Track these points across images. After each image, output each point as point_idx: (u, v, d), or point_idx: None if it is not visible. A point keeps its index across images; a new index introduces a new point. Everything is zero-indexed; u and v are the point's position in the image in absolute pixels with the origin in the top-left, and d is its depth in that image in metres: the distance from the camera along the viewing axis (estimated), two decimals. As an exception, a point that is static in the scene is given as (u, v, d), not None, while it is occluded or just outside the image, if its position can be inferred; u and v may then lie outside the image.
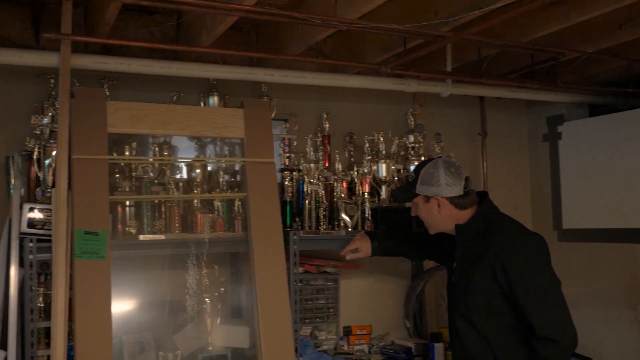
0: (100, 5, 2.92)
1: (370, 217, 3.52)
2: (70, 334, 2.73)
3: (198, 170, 3.30)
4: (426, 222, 2.71)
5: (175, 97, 3.36)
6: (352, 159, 3.83)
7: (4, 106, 3.22)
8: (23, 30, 3.27)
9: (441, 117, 4.28)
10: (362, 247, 3.15)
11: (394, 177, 3.64)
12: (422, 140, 3.88)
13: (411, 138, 3.86)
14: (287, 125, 3.67)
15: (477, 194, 2.68)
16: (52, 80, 3.08)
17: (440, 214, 2.62)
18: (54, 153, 2.93)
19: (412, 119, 3.98)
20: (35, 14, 3.26)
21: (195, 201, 3.26)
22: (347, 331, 3.79)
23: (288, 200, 3.41)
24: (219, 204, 3.30)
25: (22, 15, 3.26)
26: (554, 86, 3.88)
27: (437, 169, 2.60)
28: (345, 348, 3.75)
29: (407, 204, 3.19)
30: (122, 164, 3.17)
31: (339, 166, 3.58)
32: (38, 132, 3.00)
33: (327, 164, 3.71)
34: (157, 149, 3.28)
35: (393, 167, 3.65)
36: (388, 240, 3.18)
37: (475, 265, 2.53)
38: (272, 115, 3.44)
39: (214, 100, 3.44)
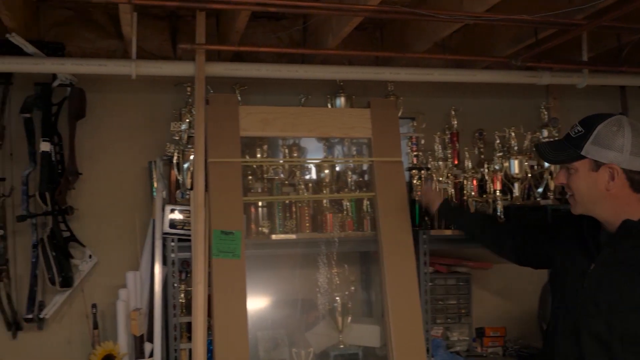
0: (231, 15, 3.04)
1: (502, 216, 3.41)
2: (210, 329, 2.86)
3: (327, 171, 3.35)
4: (578, 196, 1.99)
5: (303, 100, 3.42)
6: (482, 156, 3.73)
7: (146, 114, 3.43)
8: (161, 43, 3.48)
9: (577, 110, 4.03)
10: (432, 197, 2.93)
11: (527, 174, 3.50)
12: (557, 134, 3.70)
13: (545, 133, 3.69)
14: (414, 124, 3.63)
15: None
16: (189, 88, 3.25)
17: (608, 191, 1.92)
18: (191, 157, 3.09)
19: (546, 112, 3.79)
20: (171, 27, 3.46)
21: (324, 201, 3.31)
22: (480, 333, 3.69)
23: (417, 199, 3.38)
24: (348, 203, 3.33)
25: (160, 29, 3.47)
26: None
27: (622, 129, 1.90)
28: (479, 350, 3.65)
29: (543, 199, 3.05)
30: (254, 166, 3.28)
31: (468, 164, 3.50)
32: (177, 138, 3.18)
33: (456, 162, 3.63)
34: (286, 150, 3.37)
35: (526, 163, 3.50)
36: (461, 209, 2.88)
37: (638, 280, 1.88)
38: (399, 114, 3.42)
39: (340, 101, 3.47)
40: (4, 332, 3.17)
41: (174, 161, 3.15)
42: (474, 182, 3.45)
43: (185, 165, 3.13)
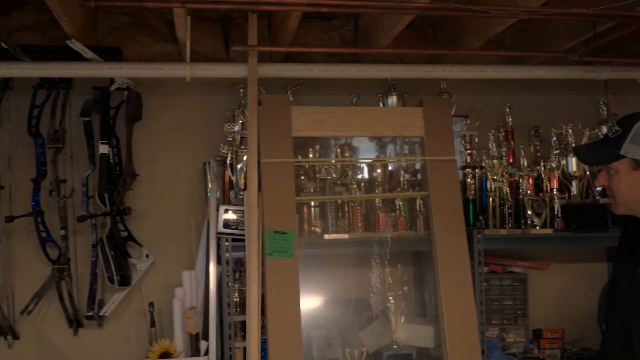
0: (283, 16, 3.06)
1: (560, 215, 3.33)
2: (264, 328, 2.89)
3: (379, 170, 3.34)
4: (620, 196, 1.97)
5: (354, 99, 3.42)
6: (538, 154, 3.65)
7: (200, 116, 3.49)
8: (214, 46, 3.52)
9: (638, 105, 3.93)
10: None
11: (585, 172, 3.41)
12: (616, 130, 3.59)
13: (604, 129, 3.58)
14: (468, 122, 3.59)
15: None
16: (241, 90, 3.28)
17: None
18: (244, 158, 3.13)
19: (605, 108, 3.69)
20: (224, 29, 3.51)
21: (377, 201, 3.30)
22: (537, 334, 3.62)
23: (470, 198, 3.33)
24: (400, 203, 3.31)
25: (213, 32, 3.52)
26: None
27: None
28: (535, 352, 3.58)
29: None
30: (307, 166, 3.30)
31: (524, 162, 3.44)
32: (230, 139, 3.22)
33: (511, 160, 3.57)
34: (339, 150, 3.37)
35: (584, 160, 3.42)
36: None
37: None
38: (452, 112, 3.38)
39: (392, 100, 3.45)
40: (66, 328, 3.28)
41: (228, 162, 3.19)
42: (530, 180, 3.39)
43: (239, 166, 3.17)
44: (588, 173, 3.43)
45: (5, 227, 3.17)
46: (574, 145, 3.43)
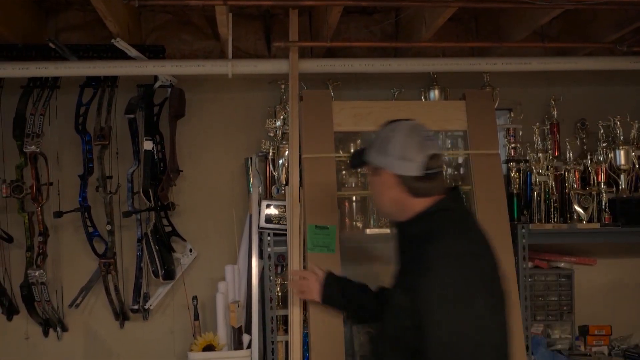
0: (324, 11, 3.06)
1: (607, 209, 3.25)
2: (305, 322, 2.90)
3: (421, 165, 3.31)
4: (373, 201, 1.99)
5: (396, 93, 3.40)
6: (585, 147, 3.58)
7: (243, 112, 3.51)
8: (256, 42, 3.54)
9: (690, 96, 3.81)
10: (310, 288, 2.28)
11: (634, 165, 3.33)
12: (667, 122, 3.49)
13: (654, 120, 3.49)
14: (512, 115, 3.53)
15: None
16: (283, 86, 3.29)
17: (388, 196, 1.88)
18: (286, 153, 3.14)
19: (654, 99, 3.60)
20: (265, 26, 3.52)
21: (419, 195, 3.27)
22: (584, 331, 3.55)
23: (515, 192, 3.29)
24: (443, 197, 3.27)
25: (254, 28, 3.54)
26: None
27: (396, 133, 1.86)
28: (582, 349, 3.52)
29: None
30: (348, 161, 3.29)
31: (570, 155, 3.37)
32: (272, 135, 3.24)
33: (556, 153, 3.50)
34: (380, 145, 3.35)
35: (633, 153, 3.33)
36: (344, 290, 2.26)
37: None
38: (495, 105, 3.34)
39: (434, 93, 3.42)
40: (112, 321, 3.35)
41: (269, 157, 3.21)
42: (576, 174, 3.33)
43: (280, 161, 3.19)
44: (637, 166, 3.34)
45: (54, 222, 3.25)
46: (622, 137, 3.35)
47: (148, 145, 3.18)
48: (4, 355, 3.33)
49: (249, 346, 3.05)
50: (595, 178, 3.31)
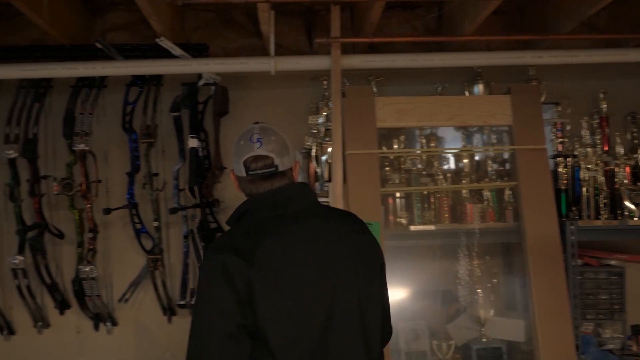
0: (366, 6, 3.05)
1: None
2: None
3: (465, 160, 3.28)
4: None
5: (439, 88, 3.37)
6: (636, 141, 3.48)
7: (285, 109, 3.52)
8: (297, 39, 3.55)
9: None
10: None
11: (688, 159, 3.23)
12: None
13: None
14: (559, 109, 3.46)
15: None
16: (325, 82, 3.29)
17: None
18: (329, 149, 3.14)
19: None
20: (307, 22, 3.53)
21: (463, 191, 3.24)
22: (637, 330, 3.45)
23: (563, 188, 3.23)
24: (488, 193, 3.23)
25: (296, 25, 3.54)
26: None
27: (240, 135, 1.98)
28: (634, 349, 3.42)
29: None
30: (392, 157, 3.27)
31: (620, 149, 3.29)
32: (315, 131, 3.24)
33: (605, 148, 3.42)
34: (424, 140, 3.33)
35: (686, 147, 3.24)
36: None
37: None
38: (542, 99, 3.27)
39: (478, 88, 3.37)
40: (160, 316, 3.41)
41: (313, 154, 3.22)
42: (627, 169, 3.26)
43: (324, 158, 3.19)
44: (691, 160, 3.24)
45: (103, 218, 3.32)
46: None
47: (193, 142, 3.22)
48: (57, 348, 3.43)
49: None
50: (647, 173, 3.23)
